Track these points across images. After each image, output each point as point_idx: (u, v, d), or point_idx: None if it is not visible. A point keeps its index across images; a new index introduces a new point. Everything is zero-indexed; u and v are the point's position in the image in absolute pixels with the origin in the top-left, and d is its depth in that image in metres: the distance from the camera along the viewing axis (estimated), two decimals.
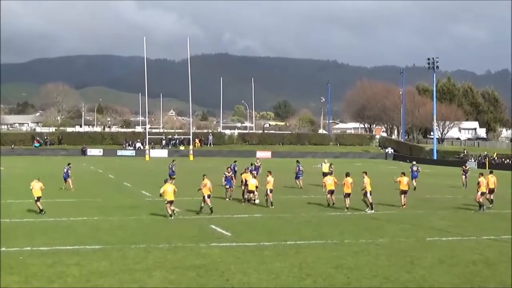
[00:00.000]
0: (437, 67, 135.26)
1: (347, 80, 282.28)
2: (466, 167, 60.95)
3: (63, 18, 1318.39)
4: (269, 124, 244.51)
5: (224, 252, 23.70)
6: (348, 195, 38.81)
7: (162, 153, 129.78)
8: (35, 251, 23.38)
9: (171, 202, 34.11)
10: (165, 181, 35.43)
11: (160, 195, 34.61)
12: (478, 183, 40.55)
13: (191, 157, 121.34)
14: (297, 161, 57.62)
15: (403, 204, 41.03)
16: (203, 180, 36.91)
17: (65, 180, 50.51)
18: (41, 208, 35.17)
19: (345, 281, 19.22)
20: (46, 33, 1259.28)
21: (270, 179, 40.28)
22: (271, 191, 39.91)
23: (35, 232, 28.02)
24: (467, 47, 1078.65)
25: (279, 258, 22.51)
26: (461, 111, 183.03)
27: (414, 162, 60.32)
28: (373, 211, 37.44)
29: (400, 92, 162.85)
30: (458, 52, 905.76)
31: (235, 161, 57.58)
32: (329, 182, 40.51)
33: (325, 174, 49.11)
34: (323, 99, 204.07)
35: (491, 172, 44.39)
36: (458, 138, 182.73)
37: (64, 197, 43.58)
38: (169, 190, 34.05)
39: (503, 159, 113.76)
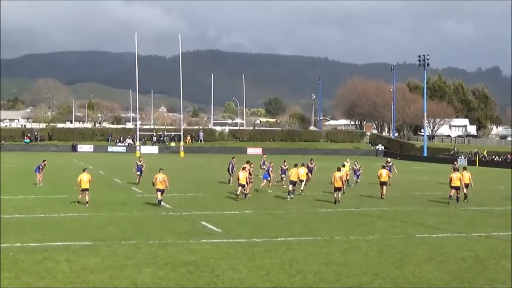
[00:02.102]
0: (428, 64, 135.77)
1: (338, 77, 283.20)
2: (455, 164, 61.12)
3: (50, 14, 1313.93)
4: (260, 121, 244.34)
5: (215, 248, 23.69)
6: (338, 189, 40.27)
7: (153, 149, 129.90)
8: (25, 247, 23.33)
9: (161, 191, 36.83)
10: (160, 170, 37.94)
11: (153, 183, 37.25)
12: (450, 179, 42.46)
13: (182, 154, 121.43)
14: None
15: (382, 194, 43.80)
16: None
17: (36, 173, 50.79)
18: (87, 200, 36.88)
19: (335, 277, 19.24)
20: (33, 29, 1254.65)
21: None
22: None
23: (25, 228, 27.95)
24: (454, 43, 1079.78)
25: (270, 255, 22.52)
26: (452, 108, 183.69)
27: (389, 159, 60.66)
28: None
29: (391, 89, 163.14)
30: (447, 48, 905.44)
31: (233, 157, 57.53)
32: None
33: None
34: (314, 96, 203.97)
35: (465, 169, 46.69)
36: (449, 135, 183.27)
37: (55, 193, 43.49)
38: (159, 179, 36.74)
39: (493, 156, 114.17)
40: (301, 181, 45.88)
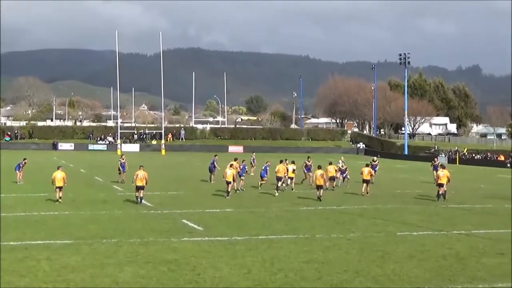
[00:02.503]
0: (409, 62, 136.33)
1: (319, 75, 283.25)
2: (435, 161, 61.35)
3: (31, 12, 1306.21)
4: (241, 119, 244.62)
5: (196, 246, 23.67)
6: (320, 187, 41.08)
7: (134, 147, 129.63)
8: (5, 246, 23.19)
9: (141, 188, 37.02)
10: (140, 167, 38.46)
11: (133, 181, 37.44)
12: (437, 176, 43.33)
13: (163, 152, 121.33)
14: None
15: (363, 192, 44.58)
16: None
17: (17, 171, 50.73)
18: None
19: (316, 275, 19.27)
20: (14, 27, 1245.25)
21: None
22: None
23: (5, 226, 27.80)
24: (435, 42, 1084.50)
25: (251, 253, 22.53)
26: (432, 107, 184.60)
27: (375, 158, 60.91)
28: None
29: (372, 88, 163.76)
30: (427, 47, 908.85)
31: (215, 155, 57.58)
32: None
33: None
34: (295, 94, 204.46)
35: (441, 166, 46.65)
36: (429, 134, 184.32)
37: (35, 192, 43.30)
38: (139, 175, 36.93)
39: (473, 155, 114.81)
40: (290, 178, 46.33)
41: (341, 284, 18.37)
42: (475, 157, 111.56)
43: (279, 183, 44.92)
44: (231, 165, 43.73)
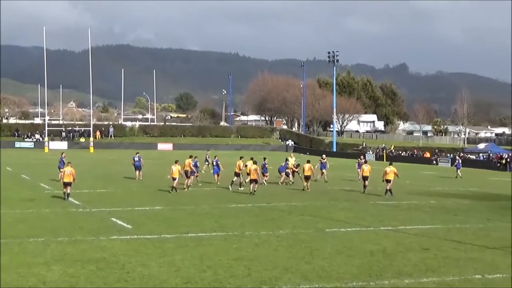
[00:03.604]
0: (337, 60, 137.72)
1: (248, 73, 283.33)
2: (361, 159, 62.18)
3: None
4: (171, 116, 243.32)
5: (125, 244, 23.54)
6: (254, 180, 43.17)
7: (62, 145, 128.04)
8: None
9: (68, 184, 37.37)
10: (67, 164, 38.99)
11: (60, 178, 38.38)
12: (384, 172, 43.98)
13: (92, 149, 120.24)
14: (264, 158, 56.19)
15: (304, 187, 46.64)
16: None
17: None
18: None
19: (245, 272, 19.35)
20: None
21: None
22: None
23: None
24: (361, 40, 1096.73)
25: (180, 251, 22.50)
26: (360, 104, 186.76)
27: (324, 156, 61.60)
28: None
29: (301, 85, 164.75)
30: (354, 45, 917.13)
31: (137, 152, 57.36)
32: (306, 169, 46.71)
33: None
34: (225, 92, 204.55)
35: (365, 162, 49.68)
36: (357, 131, 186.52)
37: None
38: (67, 172, 37.41)
39: (400, 152, 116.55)
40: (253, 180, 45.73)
41: (270, 280, 18.47)
42: (402, 154, 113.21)
43: (235, 178, 46.89)
44: (176, 162, 44.23)
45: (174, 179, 43.02)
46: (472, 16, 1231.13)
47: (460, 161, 72.24)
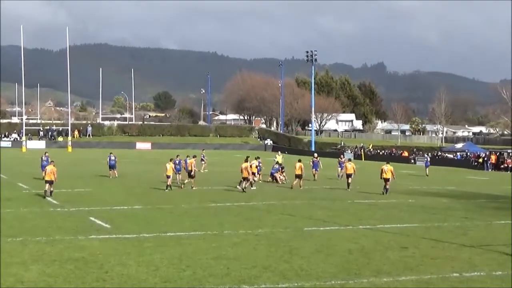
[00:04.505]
0: (316, 60, 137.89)
1: (227, 72, 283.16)
2: (342, 158, 62.56)
3: None
4: (149, 115, 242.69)
5: (103, 244, 23.47)
6: (246, 179, 44.19)
7: (40, 144, 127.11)
8: None
9: (50, 182, 38.09)
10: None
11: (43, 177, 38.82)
12: (381, 170, 45.32)
13: (70, 149, 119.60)
14: (257, 157, 56.07)
15: (294, 185, 47.13)
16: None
17: None
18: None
19: (224, 271, 19.34)
20: None
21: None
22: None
23: None
24: (337, 40, 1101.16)
25: (159, 250, 22.47)
26: (339, 103, 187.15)
27: (315, 154, 61.90)
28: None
29: (279, 84, 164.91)
30: (331, 45, 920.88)
31: (111, 153, 57.47)
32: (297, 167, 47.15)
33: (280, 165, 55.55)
34: (203, 91, 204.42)
35: (349, 160, 50.79)
36: (336, 130, 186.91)
37: None
38: (48, 170, 38.41)
39: (378, 151, 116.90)
40: (245, 178, 45.36)
41: (249, 279, 18.48)
42: (380, 153, 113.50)
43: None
44: (170, 160, 45.31)
45: (168, 177, 43.95)
46: (445, 17, 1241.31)
47: (429, 160, 74.41)
